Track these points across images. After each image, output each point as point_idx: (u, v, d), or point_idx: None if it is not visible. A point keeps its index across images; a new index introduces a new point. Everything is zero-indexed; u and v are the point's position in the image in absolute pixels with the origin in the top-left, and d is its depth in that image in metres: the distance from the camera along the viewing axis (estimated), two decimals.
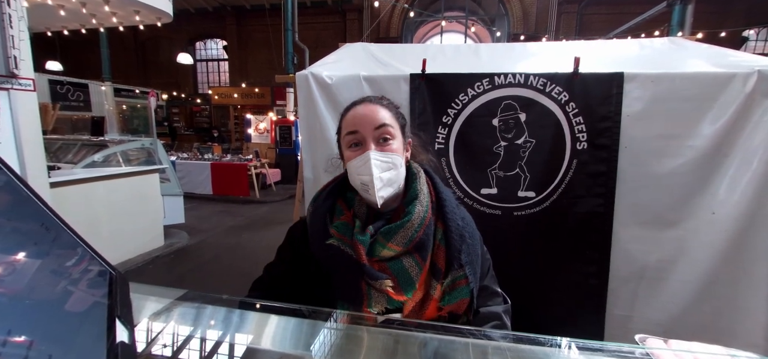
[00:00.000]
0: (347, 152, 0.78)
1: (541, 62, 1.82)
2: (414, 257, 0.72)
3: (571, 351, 0.61)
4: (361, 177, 0.74)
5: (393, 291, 0.70)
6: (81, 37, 7.27)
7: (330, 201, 0.80)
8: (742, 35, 11.00)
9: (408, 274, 0.71)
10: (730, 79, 1.44)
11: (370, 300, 0.70)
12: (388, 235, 0.72)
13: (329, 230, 0.75)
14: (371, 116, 0.75)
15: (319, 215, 0.78)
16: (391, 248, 0.71)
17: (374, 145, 0.74)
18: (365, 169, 0.73)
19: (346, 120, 0.79)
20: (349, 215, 0.77)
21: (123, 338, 0.38)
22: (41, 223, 0.39)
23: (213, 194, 7.38)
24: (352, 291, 0.71)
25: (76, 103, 8.30)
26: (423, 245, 0.73)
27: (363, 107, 0.78)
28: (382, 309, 0.71)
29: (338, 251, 0.72)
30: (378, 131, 0.75)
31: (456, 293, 0.74)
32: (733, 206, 1.46)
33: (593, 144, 1.55)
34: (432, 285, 0.74)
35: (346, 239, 0.73)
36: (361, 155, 0.74)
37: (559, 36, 11.04)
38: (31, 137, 2.51)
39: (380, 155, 0.73)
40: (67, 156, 4.85)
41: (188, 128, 14.71)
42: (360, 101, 0.80)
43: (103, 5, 3.89)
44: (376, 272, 0.70)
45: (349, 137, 0.77)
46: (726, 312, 1.52)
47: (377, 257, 0.72)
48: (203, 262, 4.19)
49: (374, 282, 0.70)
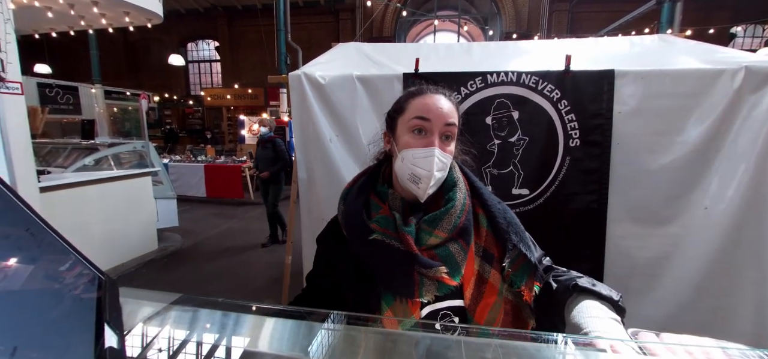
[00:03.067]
0: (407, 136, 0.74)
1: (534, 60, 1.83)
2: (459, 242, 0.73)
3: (567, 346, 0.61)
4: (415, 169, 0.72)
5: (447, 276, 0.71)
6: (70, 40, 7.16)
7: (362, 198, 0.79)
8: (730, 32, 11.20)
9: (454, 259, 0.72)
10: (718, 75, 1.46)
11: (421, 288, 0.70)
12: (434, 223, 0.72)
13: (370, 225, 0.74)
14: (445, 110, 0.73)
15: (355, 213, 0.77)
16: (437, 235, 0.72)
17: (439, 140, 0.73)
18: (426, 163, 0.71)
19: (417, 104, 0.75)
20: (385, 208, 0.76)
21: (112, 343, 0.38)
22: (26, 228, 0.38)
23: (207, 196, 7.32)
24: (403, 282, 0.70)
25: (66, 106, 8.18)
26: (466, 230, 0.74)
27: (438, 98, 0.75)
28: (432, 297, 0.71)
29: (384, 245, 0.71)
30: (446, 127, 0.74)
31: (521, 271, 0.75)
32: (726, 201, 1.48)
33: (586, 141, 1.57)
34: (485, 269, 0.75)
35: (390, 232, 0.72)
36: (426, 148, 0.72)
37: (550, 34, 11.12)
38: (19, 141, 2.47)
39: (442, 154, 0.73)
40: (57, 160, 4.78)
41: (181, 129, 14.57)
42: (433, 89, 0.77)
43: (91, 7, 3.83)
44: (428, 260, 0.70)
45: (417, 122, 0.73)
46: (718, 307, 1.54)
47: (424, 246, 0.72)
48: (197, 265, 4.15)
49: (428, 270, 0.70)
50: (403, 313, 0.70)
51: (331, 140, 1.75)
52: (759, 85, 1.42)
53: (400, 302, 0.71)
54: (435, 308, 0.72)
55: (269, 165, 4.44)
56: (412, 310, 0.71)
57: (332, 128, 1.77)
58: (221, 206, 6.91)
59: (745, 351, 0.52)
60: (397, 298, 0.71)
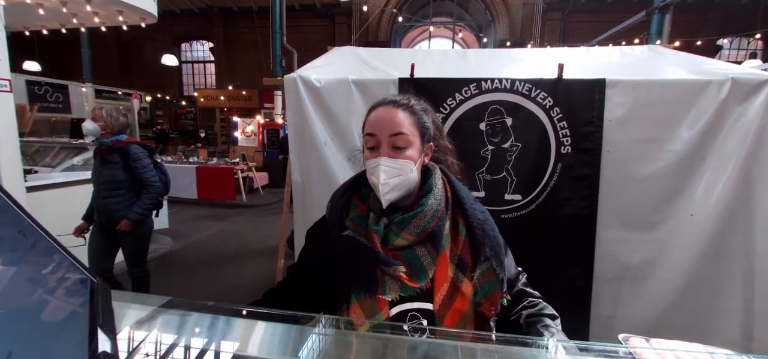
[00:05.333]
0: (366, 151, 0.82)
1: (527, 68, 1.86)
2: (426, 246, 0.76)
3: (558, 352, 0.62)
4: (371, 178, 0.78)
5: (406, 277, 0.74)
6: (61, 37, 7.05)
7: (346, 197, 0.85)
8: (717, 44, 11.50)
9: (420, 262, 0.75)
10: (705, 86, 1.50)
11: (384, 286, 0.74)
12: (402, 225, 0.75)
13: (345, 222, 0.79)
14: (389, 122, 0.78)
15: (336, 210, 0.82)
16: (404, 237, 0.75)
17: (388, 150, 0.77)
18: (375, 173, 0.77)
19: (368, 120, 0.82)
20: (363, 208, 0.82)
21: (105, 348, 0.37)
22: (18, 229, 0.38)
23: (198, 198, 7.23)
24: (367, 279, 0.74)
25: (55, 104, 8.04)
26: (435, 235, 0.77)
27: (384, 110, 0.80)
28: (396, 297, 0.74)
29: (354, 241, 0.76)
30: (393, 138, 0.78)
31: (488, 284, 0.77)
32: (710, 208, 1.51)
33: (577, 148, 1.59)
34: (459, 278, 0.77)
35: (361, 230, 0.77)
36: (374, 158, 0.78)
37: (544, 43, 11.29)
38: (6, 139, 2.42)
39: (390, 162, 0.76)
40: (45, 159, 4.68)
41: (173, 130, 14.41)
42: (383, 103, 0.82)
43: (84, 5, 3.78)
44: (389, 258, 0.74)
45: (367, 138, 0.81)
46: (705, 310, 1.57)
47: (391, 246, 0.76)
48: (188, 268, 4.09)
49: (388, 268, 0.73)
50: (371, 308, 0.74)
51: (326, 144, 1.75)
52: (744, 96, 1.46)
53: (368, 297, 0.75)
54: (403, 308, 0.75)
55: (124, 196, 2.36)
56: (380, 307, 0.74)
57: (327, 132, 1.77)
58: (213, 208, 6.83)
59: (732, 357, 0.54)
60: (363, 293, 0.75)
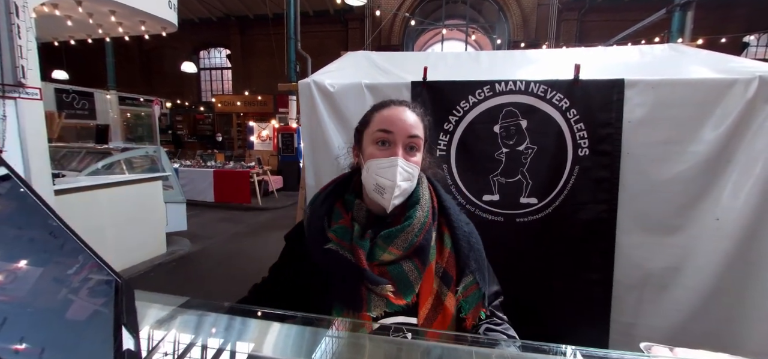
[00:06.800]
0: (372, 148, 0.76)
1: (542, 69, 1.83)
2: (413, 261, 0.72)
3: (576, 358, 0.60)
4: (379, 179, 0.72)
5: (393, 295, 0.70)
6: (87, 47, 7.38)
7: (328, 204, 0.79)
8: (743, 41, 11.02)
9: (407, 278, 0.71)
10: (731, 85, 1.44)
11: (369, 304, 0.70)
12: (389, 239, 0.72)
13: (328, 234, 0.74)
14: (408, 122, 0.75)
15: (317, 219, 0.77)
16: (391, 252, 0.71)
17: (402, 151, 0.74)
18: (389, 173, 0.72)
19: (381, 116, 0.77)
20: (347, 218, 0.76)
21: (129, 345, 0.39)
22: (49, 231, 0.40)
23: (215, 201, 7.40)
24: (351, 296, 0.70)
25: (82, 111, 8.40)
26: (423, 249, 0.73)
27: (401, 110, 0.76)
28: (381, 313, 0.71)
29: (337, 255, 0.72)
30: (410, 139, 0.74)
31: (471, 298, 0.75)
32: (737, 212, 1.45)
33: (595, 151, 1.55)
34: (443, 291, 0.74)
35: (345, 244, 0.73)
36: (389, 157, 0.72)
37: (559, 43, 11.08)
38: (36, 145, 2.54)
39: (406, 164, 0.73)
40: (72, 164, 4.90)
41: (191, 135, 14.82)
42: (398, 102, 0.79)
43: (109, 16, 3.95)
44: (376, 277, 0.70)
45: (380, 134, 0.75)
46: (732, 319, 1.51)
47: (377, 262, 0.72)
48: (205, 269, 4.19)
49: (375, 286, 0.69)
50: (354, 325, 0.70)
51: (339, 147, 1.77)
52: None
53: (351, 313, 0.71)
54: (387, 323, 0.72)
55: None
56: (366, 326, 0.70)
57: (341, 135, 1.78)
58: (229, 211, 6.98)
59: None
60: (347, 310, 0.71)
